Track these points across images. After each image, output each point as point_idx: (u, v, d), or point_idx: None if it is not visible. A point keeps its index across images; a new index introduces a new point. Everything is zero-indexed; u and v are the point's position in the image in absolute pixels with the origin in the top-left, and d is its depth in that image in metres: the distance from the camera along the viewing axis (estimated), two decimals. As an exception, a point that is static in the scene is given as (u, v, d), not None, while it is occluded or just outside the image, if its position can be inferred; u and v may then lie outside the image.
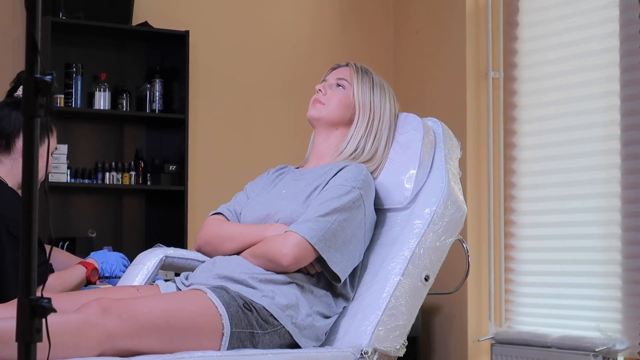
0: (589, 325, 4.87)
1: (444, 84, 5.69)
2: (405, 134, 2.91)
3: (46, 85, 1.58)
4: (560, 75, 5.20)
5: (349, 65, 2.96)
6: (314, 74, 6.11)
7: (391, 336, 2.63)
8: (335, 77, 2.95)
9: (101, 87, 5.43)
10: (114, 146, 5.62)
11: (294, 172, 2.96)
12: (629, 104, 4.75)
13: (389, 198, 2.86)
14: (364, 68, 2.95)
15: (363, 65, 2.97)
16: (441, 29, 5.82)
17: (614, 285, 4.80)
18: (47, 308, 1.57)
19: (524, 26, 5.44)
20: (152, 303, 2.44)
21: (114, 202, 5.60)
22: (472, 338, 5.44)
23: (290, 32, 6.08)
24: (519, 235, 5.41)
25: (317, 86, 2.95)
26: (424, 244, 2.73)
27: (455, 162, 2.93)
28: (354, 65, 2.96)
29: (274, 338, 2.54)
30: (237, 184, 5.84)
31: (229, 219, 2.87)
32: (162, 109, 5.59)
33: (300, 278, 2.65)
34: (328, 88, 2.94)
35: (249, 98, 5.94)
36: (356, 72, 2.93)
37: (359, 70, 2.94)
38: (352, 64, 2.96)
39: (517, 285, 5.40)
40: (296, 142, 6.02)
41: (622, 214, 4.77)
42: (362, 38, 6.22)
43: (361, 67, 2.95)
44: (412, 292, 2.69)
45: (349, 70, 2.94)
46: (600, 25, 4.98)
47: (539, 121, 5.33)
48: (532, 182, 5.36)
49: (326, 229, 2.61)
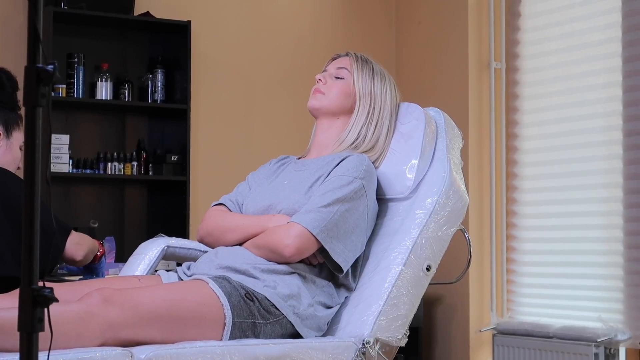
0: (590, 316, 4.87)
1: (446, 74, 5.68)
2: (407, 124, 2.91)
3: (48, 75, 1.58)
4: (562, 66, 5.20)
5: (349, 55, 2.96)
6: (316, 65, 6.11)
7: (393, 326, 2.63)
8: (335, 67, 2.95)
9: (103, 77, 5.43)
10: (116, 136, 5.62)
11: (296, 162, 2.96)
12: (631, 95, 4.74)
13: (391, 188, 2.86)
14: (364, 57, 2.95)
15: (363, 55, 2.97)
16: (443, 19, 5.81)
17: (615, 275, 4.80)
18: (49, 298, 1.57)
19: (526, 16, 5.43)
20: (154, 293, 2.45)
21: (116, 192, 5.60)
22: (474, 328, 5.44)
23: (292, 23, 6.07)
24: (520, 226, 5.41)
25: (317, 76, 2.95)
26: (425, 234, 2.73)
27: (457, 152, 2.93)
28: (354, 54, 2.96)
29: (276, 328, 2.55)
30: (238, 174, 5.84)
31: (231, 209, 2.88)
32: (164, 99, 5.58)
33: (303, 268, 2.65)
34: (328, 78, 2.94)
35: (251, 88, 5.94)
36: (356, 61, 2.93)
37: (359, 59, 2.94)
38: (352, 54, 2.96)
39: (519, 275, 5.40)
40: (297, 133, 6.02)
41: (624, 205, 4.77)
42: (364, 28, 6.21)
43: (361, 56, 2.95)
44: (414, 281, 2.69)
45: (349, 59, 2.94)
46: (603, 15, 4.97)
47: (541, 112, 5.32)
48: (534, 172, 5.35)
49: (328, 219, 2.62)
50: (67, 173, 5.29)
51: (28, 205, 1.58)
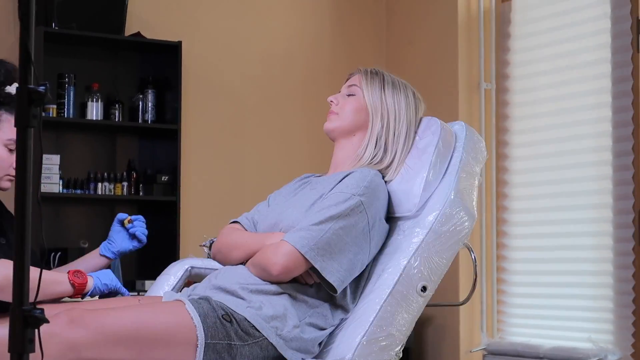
0: (581, 336, 4.87)
1: (436, 94, 5.70)
2: (425, 139, 2.81)
3: (40, 96, 1.58)
4: (552, 87, 5.21)
5: (358, 71, 2.92)
6: (306, 85, 6.14)
7: (376, 348, 2.56)
8: (346, 86, 2.91)
9: (94, 97, 5.43)
10: (106, 156, 5.62)
11: (313, 180, 2.93)
12: (621, 115, 4.76)
13: (400, 206, 2.77)
14: (374, 70, 2.90)
15: (375, 68, 2.91)
16: (434, 40, 5.83)
17: (605, 296, 4.81)
18: (39, 318, 1.57)
19: (516, 37, 5.46)
20: (124, 314, 2.43)
21: (106, 212, 5.59)
22: (464, 349, 5.43)
23: (282, 43, 6.08)
24: (510, 246, 5.42)
25: (330, 98, 2.91)
26: (421, 253, 2.64)
27: (475, 167, 2.81)
28: (363, 69, 2.91)
29: (254, 350, 2.50)
30: (229, 195, 5.87)
31: (246, 227, 2.86)
32: (155, 119, 5.59)
33: (295, 288, 2.61)
34: (340, 98, 2.90)
35: (242, 108, 5.94)
36: (365, 75, 2.88)
37: (368, 72, 2.88)
38: (362, 69, 2.91)
39: (510, 296, 5.40)
40: (287, 152, 6.03)
41: (614, 225, 4.78)
42: (355, 48, 6.23)
43: (371, 69, 2.90)
44: (405, 302, 2.61)
45: (359, 76, 2.90)
46: (592, 36, 4.99)
47: (531, 132, 5.34)
48: (524, 193, 5.36)
49: (319, 237, 2.56)
50: (57, 193, 5.28)
51: (19, 226, 1.58)
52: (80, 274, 2.62)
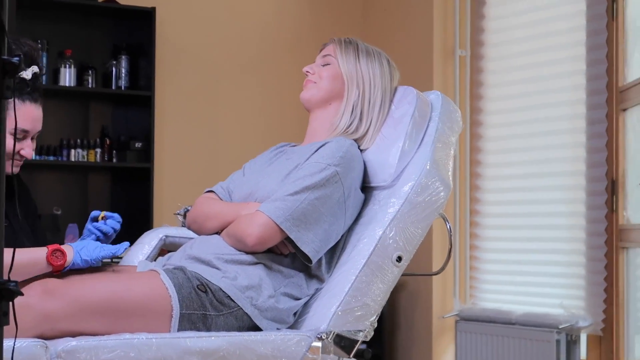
0: (552, 303, 4.91)
1: (411, 61, 5.69)
2: (400, 109, 2.81)
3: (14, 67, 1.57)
4: (527, 54, 5.22)
5: (332, 41, 2.91)
6: (281, 51, 6.12)
7: (351, 318, 2.56)
8: (321, 56, 2.90)
9: (67, 64, 5.39)
10: (79, 123, 5.59)
11: (288, 150, 2.92)
12: (595, 83, 4.77)
13: (376, 176, 2.77)
14: (348, 39, 2.89)
15: (349, 37, 2.91)
16: (408, 6, 5.82)
17: (577, 262, 4.84)
18: (14, 291, 1.57)
19: (491, 4, 5.45)
20: (98, 284, 2.43)
21: (79, 179, 5.57)
22: (437, 315, 5.47)
23: (258, 9, 6.06)
24: (483, 212, 5.44)
25: (305, 68, 2.90)
26: (397, 224, 2.62)
27: (450, 137, 2.82)
28: (337, 39, 2.90)
29: (229, 320, 2.50)
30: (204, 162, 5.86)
31: (221, 196, 2.85)
32: (128, 86, 5.56)
33: (270, 258, 2.61)
34: (316, 67, 2.89)
35: (216, 75, 5.92)
36: (339, 44, 2.88)
37: (342, 42, 2.88)
38: (336, 39, 2.91)
39: (482, 262, 5.43)
40: (263, 120, 6.02)
41: (587, 192, 4.80)
42: (330, 15, 6.21)
43: (345, 38, 2.89)
44: (380, 273, 2.60)
45: (333, 45, 2.89)
46: (567, 4, 4.99)
47: (505, 99, 5.35)
48: (497, 160, 5.38)
49: (294, 208, 2.57)
50: (30, 160, 5.25)
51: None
52: (59, 252, 2.48)
